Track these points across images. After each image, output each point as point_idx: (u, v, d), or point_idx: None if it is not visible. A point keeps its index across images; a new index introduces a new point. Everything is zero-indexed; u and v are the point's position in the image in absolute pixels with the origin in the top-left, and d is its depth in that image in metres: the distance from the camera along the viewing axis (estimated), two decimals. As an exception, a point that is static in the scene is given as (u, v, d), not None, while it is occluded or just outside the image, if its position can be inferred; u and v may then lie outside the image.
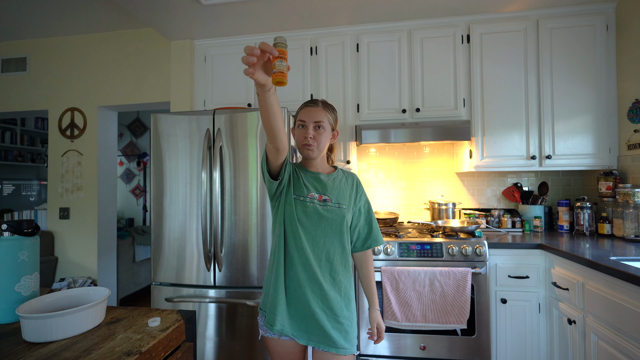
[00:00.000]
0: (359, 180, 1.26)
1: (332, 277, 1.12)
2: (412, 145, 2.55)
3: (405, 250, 1.87)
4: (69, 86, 2.87)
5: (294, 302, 1.10)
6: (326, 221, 1.12)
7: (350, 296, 1.16)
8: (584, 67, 2.09)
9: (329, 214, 1.12)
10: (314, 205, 1.12)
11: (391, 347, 1.87)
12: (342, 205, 1.15)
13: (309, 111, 1.16)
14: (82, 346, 0.72)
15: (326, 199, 1.14)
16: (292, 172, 1.17)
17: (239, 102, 2.42)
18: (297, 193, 1.14)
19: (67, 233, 2.83)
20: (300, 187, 1.15)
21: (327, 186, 1.17)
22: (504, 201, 2.45)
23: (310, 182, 1.17)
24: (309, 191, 1.14)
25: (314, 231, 1.11)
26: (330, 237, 1.12)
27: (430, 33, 2.24)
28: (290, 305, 1.11)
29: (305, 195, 1.13)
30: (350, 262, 1.19)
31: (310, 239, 1.11)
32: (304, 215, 1.11)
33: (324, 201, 1.13)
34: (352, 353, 1.12)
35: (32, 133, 5.08)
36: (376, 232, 1.24)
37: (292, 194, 1.13)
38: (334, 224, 1.12)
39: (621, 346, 1.27)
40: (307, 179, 1.18)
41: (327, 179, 1.19)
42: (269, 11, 2.14)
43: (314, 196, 1.13)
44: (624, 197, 1.90)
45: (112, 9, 2.47)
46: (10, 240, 0.88)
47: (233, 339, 1.83)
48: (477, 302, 1.81)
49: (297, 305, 1.10)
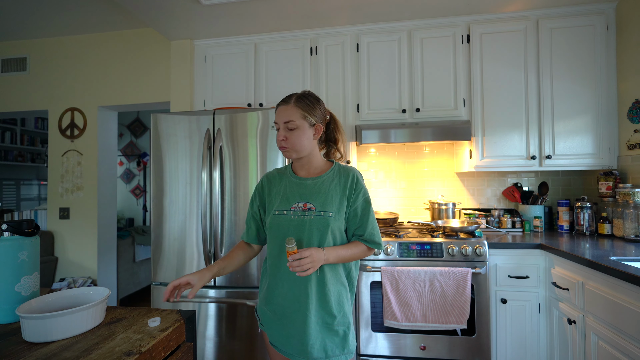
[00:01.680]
0: (357, 177, 1.13)
1: (320, 287, 1.07)
2: (412, 145, 2.55)
3: (405, 250, 1.87)
4: (69, 86, 2.87)
5: (278, 314, 1.10)
6: (309, 231, 1.06)
7: (342, 304, 1.10)
8: (584, 67, 2.09)
9: (311, 224, 1.06)
10: (296, 217, 1.08)
11: (391, 347, 1.87)
12: (327, 213, 1.06)
13: (279, 111, 1.11)
14: (82, 346, 0.72)
15: (310, 207, 1.08)
16: (268, 193, 1.18)
17: (239, 102, 2.42)
18: (279, 208, 1.11)
19: (67, 233, 2.83)
20: (283, 201, 1.12)
21: (313, 192, 1.10)
22: (504, 201, 2.45)
23: (294, 190, 1.13)
24: (293, 201, 1.10)
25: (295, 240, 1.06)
26: (314, 245, 1.06)
27: (430, 33, 2.24)
28: (273, 315, 1.11)
29: (289, 209, 1.09)
30: (348, 268, 1.13)
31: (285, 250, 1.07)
32: (285, 227, 1.08)
33: (308, 209, 1.08)
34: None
35: (32, 133, 5.08)
36: (370, 234, 1.11)
37: (272, 212, 1.12)
38: (317, 233, 1.06)
39: (621, 346, 1.27)
40: (291, 188, 1.14)
41: (314, 184, 1.12)
42: (269, 11, 2.14)
43: (297, 207, 1.09)
44: (624, 197, 1.90)
45: (112, 9, 2.47)
46: (10, 240, 0.88)
47: (233, 339, 1.83)
48: (477, 302, 1.81)
49: (279, 317, 1.10)
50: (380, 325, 1.87)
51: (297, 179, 1.15)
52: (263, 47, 2.41)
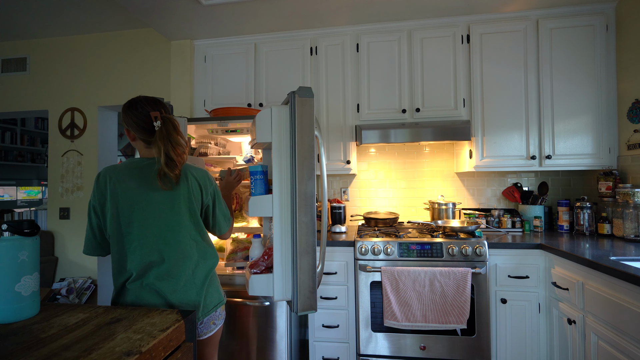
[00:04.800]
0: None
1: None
2: (412, 145, 2.55)
3: (405, 250, 1.87)
4: (69, 86, 2.87)
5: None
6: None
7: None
8: (584, 67, 2.09)
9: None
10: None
11: (391, 347, 1.87)
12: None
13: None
14: (82, 346, 0.72)
15: None
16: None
17: (239, 102, 2.42)
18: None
19: (67, 233, 2.83)
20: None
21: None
22: (504, 201, 2.45)
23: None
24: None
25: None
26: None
27: (430, 33, 2.24)
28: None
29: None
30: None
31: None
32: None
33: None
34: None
35: (32, 133, 5.08)
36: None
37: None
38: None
39: (621, 346, 1.27)
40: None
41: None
42: (269, 11, 2.14)
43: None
44: (624, 197, 1.90)
45: (112, 9, 2.47)
46: (10, 240, 0.88)
47: (233, 339, 1.83)
48: (477, 302, 1.81)
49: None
50: (380, 325, 1.87)
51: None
52: (263, 47, 2.41)
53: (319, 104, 2.33)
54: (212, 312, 1.19)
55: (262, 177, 1.34)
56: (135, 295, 1.08)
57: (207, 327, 1.20)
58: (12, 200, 4.77)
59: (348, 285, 1.97)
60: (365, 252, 1.89)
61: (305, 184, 1.23)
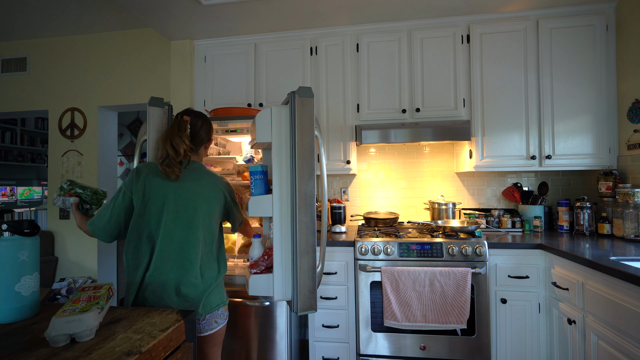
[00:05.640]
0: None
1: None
2: (412, 145, 2.55)
3: (405, 250, 1.87)
4: (69, 86, 2.87)
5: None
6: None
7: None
8: (584, 67, 2.09)
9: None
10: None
11: (391, 347, 1.87)
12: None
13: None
14: (82, 346, 0.72)
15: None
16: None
17: (239, 102, 2.42)
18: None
19: (67, 233, 2.83)
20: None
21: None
22: (504, 201, 2.45)
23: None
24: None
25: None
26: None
27: (430, 33, 2.24)
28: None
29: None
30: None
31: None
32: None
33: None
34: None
35: (32, 133, 5.08)
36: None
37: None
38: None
39: (621, 346, 1.27)
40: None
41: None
42: (269, 11, 2.14)
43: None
44: (624, 197, 1.90)
45: (112, 9, 2.47)
46: (10, 240, 0.88)
47: (233, 339, 1.83)
48: (477, 302, 1.81)
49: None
50: (380, 325, 1.87)
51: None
52: (263, 47, 2.41)
53: (319, 104, 2.33)
54: (214, 310, 1.24)
55: (262, 177, 1.34)
56: (152, 289, 1.16)
57: (209, 325, 1.23)
58: (11, 202, 4.77)
59: (348, 285, 1.97)
60: (365, 252, 1.89)
61: (305, 184, 1.23)
